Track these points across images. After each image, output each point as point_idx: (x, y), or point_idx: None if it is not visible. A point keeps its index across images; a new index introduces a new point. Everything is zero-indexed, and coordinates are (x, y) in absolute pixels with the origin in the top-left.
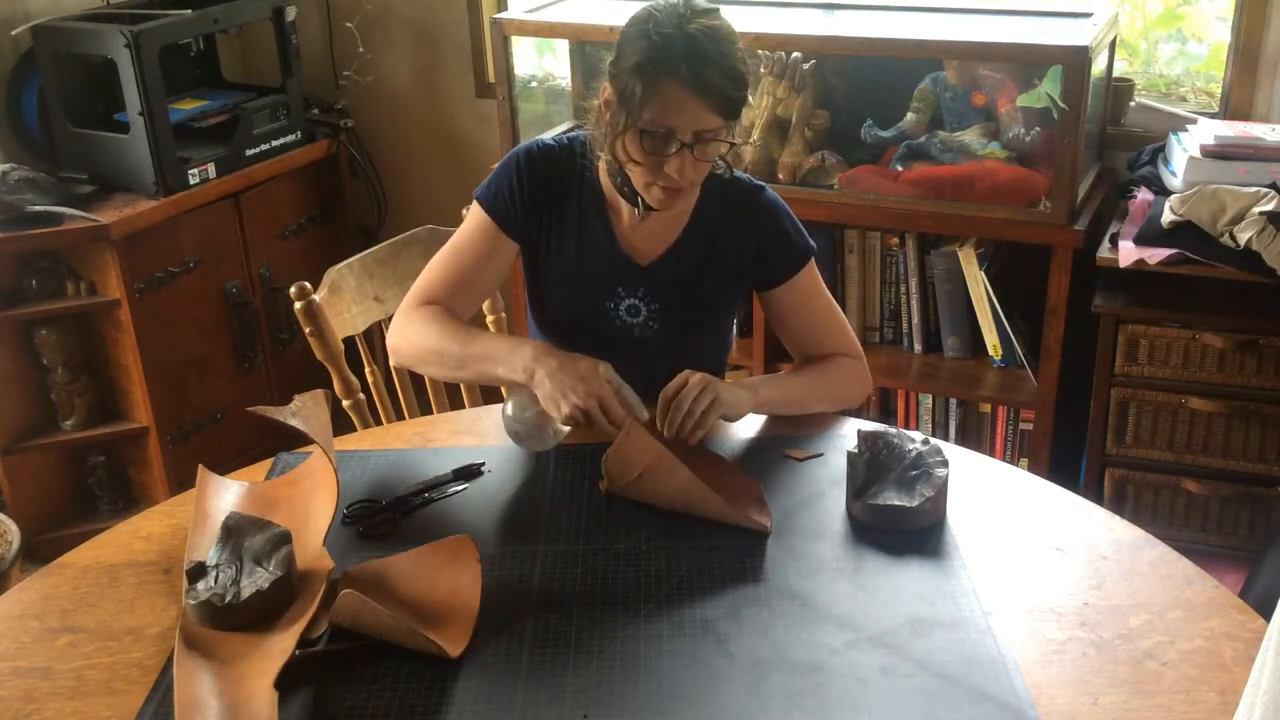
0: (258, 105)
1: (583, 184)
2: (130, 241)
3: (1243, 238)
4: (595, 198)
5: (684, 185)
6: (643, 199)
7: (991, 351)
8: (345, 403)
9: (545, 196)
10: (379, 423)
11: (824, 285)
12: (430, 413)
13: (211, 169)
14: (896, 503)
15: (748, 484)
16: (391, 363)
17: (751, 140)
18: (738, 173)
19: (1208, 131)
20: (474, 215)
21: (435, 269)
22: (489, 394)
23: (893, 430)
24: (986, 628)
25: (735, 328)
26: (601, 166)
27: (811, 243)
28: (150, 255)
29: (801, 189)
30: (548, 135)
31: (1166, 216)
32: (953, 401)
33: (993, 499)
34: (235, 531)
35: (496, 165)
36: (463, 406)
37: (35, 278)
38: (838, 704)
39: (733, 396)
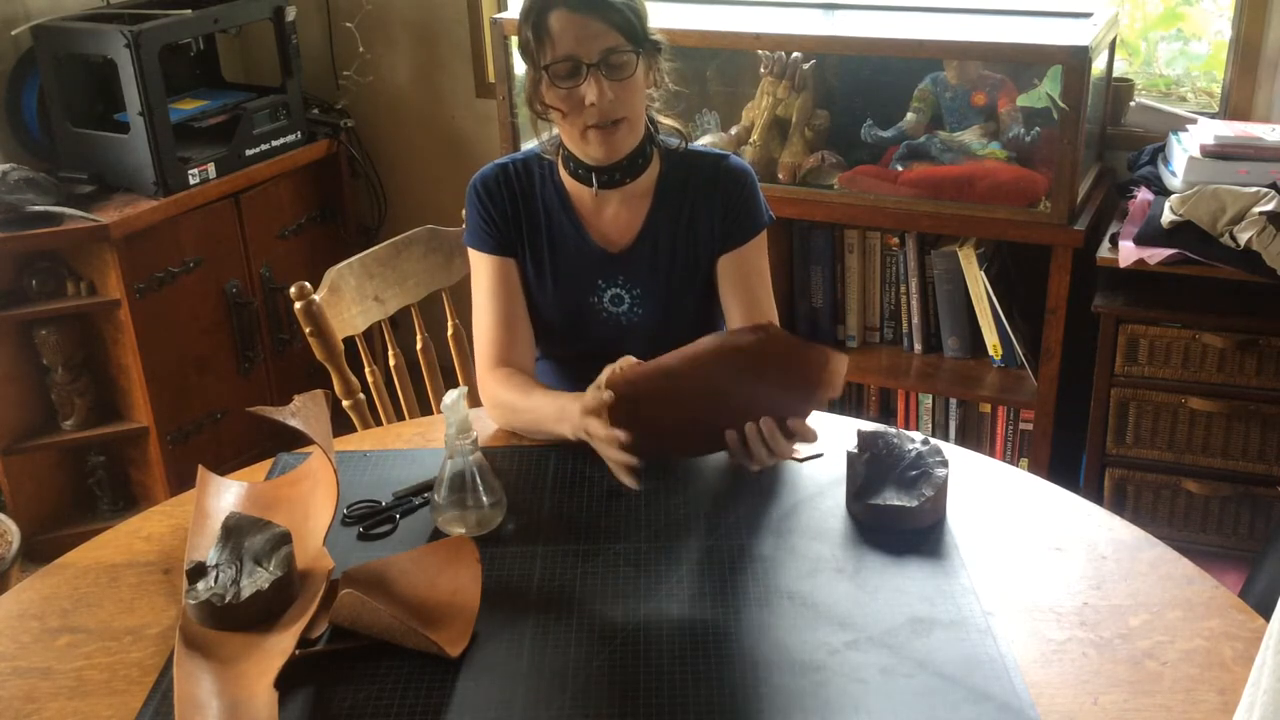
0: (258, 105)
1: (544, 189)
2: (130, 241)
3: (1243, 238)
4: (559, 199)
5: (611, 115)
6: (595, 172)
7: (991, 351)
8: (345, 403)
9: (512, 210)
10: (379, 423)
11: (767, 265)
12: (430, 413)
13: (211, 169)
14: (896, 503)
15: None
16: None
17: (752, 140)
18: (698, 146)
19: (1208, 131)
20: (473, 260)
21: (479, 327)
22: None
23: (893, 430)
24: (986, 628)
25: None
26: (560, 166)
27: (770, 214)
28: (150, 255)
29: (801, 189)
30: (503, 158)
31: (1166, 216)
32: (953, 401)
33: (993, 499)
34: (235, 531)
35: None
36: None
37: (35, 278)
38: (838, 704)
39: None
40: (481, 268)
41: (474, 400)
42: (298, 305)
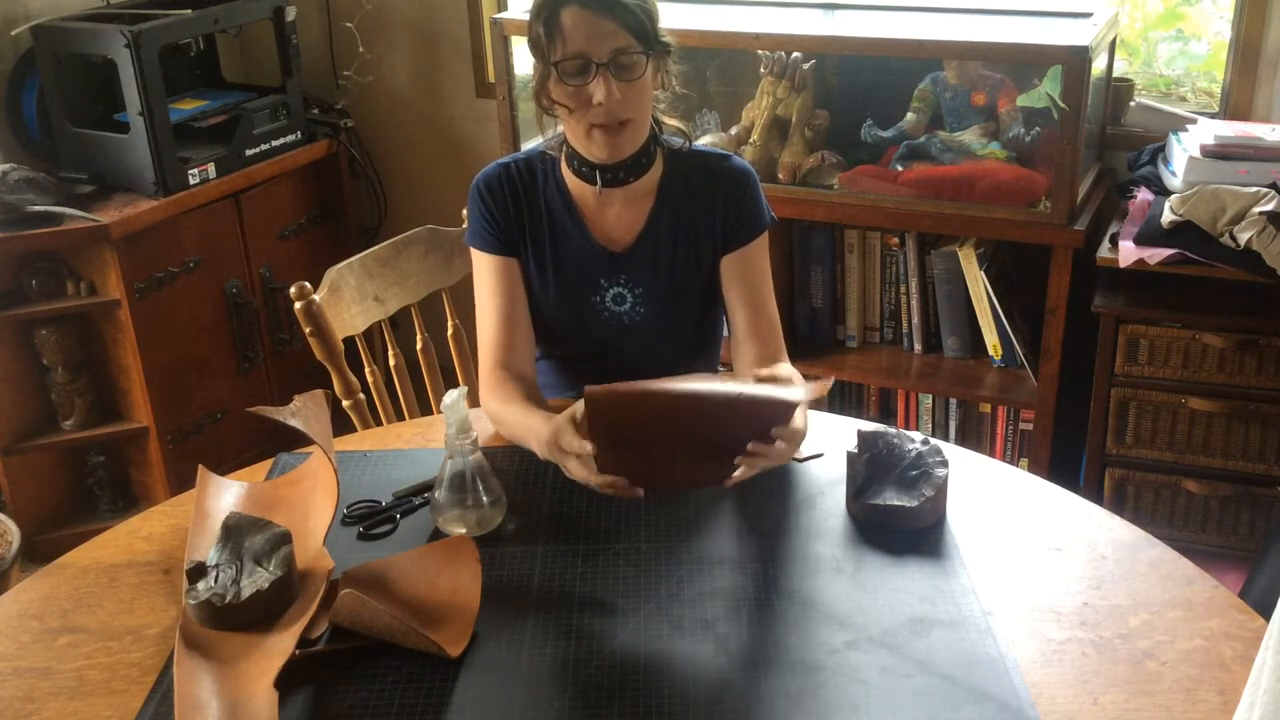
0: (258, 105)
1: (547, 188)
2: (130, 241)
3: (1243, 238)
4: (562, 198)
5: (618, 116)
6: (599, 170)
7: (991, 351)
8: (345, 403)
9: (514, 210)
10: (379, 423)
11: (769, 265)
12: (430, 413)
13: (211, 169)
14: (896, 503)
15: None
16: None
17: (752, 140)
18: (701, 146)
19: (1208, 131)
20: (475, 261)
21: (481, 328)
22: None
23: (893, 430)
24: (986, 628)
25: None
26: (563, 164)
27: (771, 215)
28: (150, 255)
29: (801, 189)
30: (505, 158)
31: (1166, 216)
32: (953, 401)
33: (993, 499)
34: (235, 531)
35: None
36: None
37: (35, 278)
38: (838, 704)
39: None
40: (484, 268)
41: (474, 400)
42: (298, 305)
